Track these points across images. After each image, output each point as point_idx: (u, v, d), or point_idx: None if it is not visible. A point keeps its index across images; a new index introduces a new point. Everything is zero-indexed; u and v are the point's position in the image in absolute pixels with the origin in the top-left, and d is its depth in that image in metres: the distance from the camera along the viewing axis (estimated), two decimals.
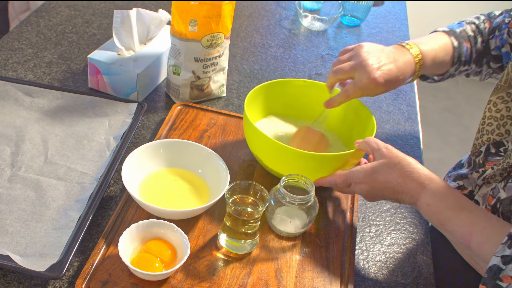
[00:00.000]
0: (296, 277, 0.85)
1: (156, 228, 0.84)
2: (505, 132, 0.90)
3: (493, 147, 0.92)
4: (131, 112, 1.08)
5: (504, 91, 0.90)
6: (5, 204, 0.88)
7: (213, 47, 1.13)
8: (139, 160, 0.94)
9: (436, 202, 0.81)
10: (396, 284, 0.89)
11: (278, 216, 0.89)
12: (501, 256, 0.73)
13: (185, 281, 0.81)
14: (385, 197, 0.88)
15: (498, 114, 0.90)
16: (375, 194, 0.88)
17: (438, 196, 0.81)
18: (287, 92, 1.09)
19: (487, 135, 0.92)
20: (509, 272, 0.72)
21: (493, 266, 0.73)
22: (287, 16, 1.63)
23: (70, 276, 0.82)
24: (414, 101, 1.35)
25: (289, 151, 0.91)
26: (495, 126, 0.91)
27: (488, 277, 0.74)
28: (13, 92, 1.09)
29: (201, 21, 1.08)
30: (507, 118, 0.89)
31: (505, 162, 0.86)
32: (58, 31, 1.37)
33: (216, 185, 0.93)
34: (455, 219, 0.80)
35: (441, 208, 0.81)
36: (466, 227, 0.78)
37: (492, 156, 0.92)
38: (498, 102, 0.90)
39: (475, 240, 0.76)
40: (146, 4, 1.53)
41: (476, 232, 0.77)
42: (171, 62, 1.16)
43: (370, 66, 0.93)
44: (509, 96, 0.89)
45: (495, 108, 0.91)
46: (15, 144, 0.99)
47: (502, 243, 0.73)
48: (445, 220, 0.80)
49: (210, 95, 1.21)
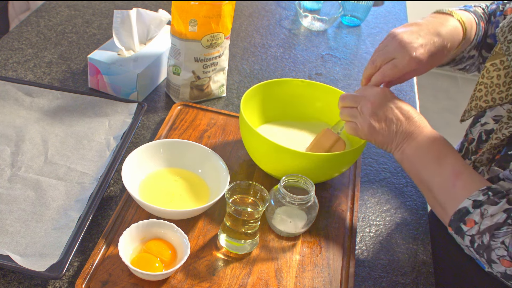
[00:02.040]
0: (296, 277, 0.85)
1: (156, 228, 0.84)
2: (491, 99, 0.89)
3: (484, 135, 0.92)
4: (131, 112, 1.08)
5: (498, 58, 0.88)
6: (5, 204, 0.88)
7: (213, 47, 1.13)
8: (139, 160, 0.94)
9: (440, 137, 0.84)
10: (396, 284, 0.89)
11: (278, 216, 0.89)
12: (473, 200, 0.77)
13: (185, 281, 0.81)
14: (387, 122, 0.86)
15: (488, 81, 0.89)
16: (379, 116, 0.86)
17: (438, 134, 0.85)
18: (284, 92, 1.09)
19: (475, 101, 0.91)
20: (474, 216, 0.76)
21: (462, 208, 0.77)
22: (287, 16, 1.63)
23: (70, 276, 0.82)
24: (414, 101, 1.35)
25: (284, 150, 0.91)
26: (483, 92, 0.90)
27: (454, 218, 0.78)
28: (13, 92, 1.09)
29: (201, 21, 1.08)
30: (496, 86, 0.88)
31: (488, 144, 0.87)
32: (58, 31, 1.37)
33: (216, 185, 0.93)
34: (452, 155, 0.82)
35: (444, 144, 0.84)
36: (459, 166, 0.81)
37: (483, 143, 0.92)
38: (491, 69, 0.89)
39: (463, 179, 0.79)
40: (146, 4, 1.53)
41: (466, 173, 0.80)
42: (171, 62, 1.16)
43: (409, 44, 0.87)
44: (502, 63, 0.88)
45: (487, 75, 0.89)
46: (15, 144, 0.99)
47: (480, 189, 0.77)
48: (442, 155, 0.82)
49: (210, 95, 1.21)
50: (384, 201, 1.04)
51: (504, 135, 0.84)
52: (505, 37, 0.84)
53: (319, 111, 1.10)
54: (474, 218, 0.76)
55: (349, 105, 0.90)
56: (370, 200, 1.04)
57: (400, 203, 1.05)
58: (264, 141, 0.92)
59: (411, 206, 1.05)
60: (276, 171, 0.97)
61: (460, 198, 0.78)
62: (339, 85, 1.35)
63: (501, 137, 0.84)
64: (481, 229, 0.75)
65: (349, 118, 0.91)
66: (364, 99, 0.88)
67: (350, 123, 0.90)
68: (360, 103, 0.88)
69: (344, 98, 0.91)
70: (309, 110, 1.11)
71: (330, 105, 1.08)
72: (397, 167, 1.13)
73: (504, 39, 0.85)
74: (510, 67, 0.85)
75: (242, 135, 1.00)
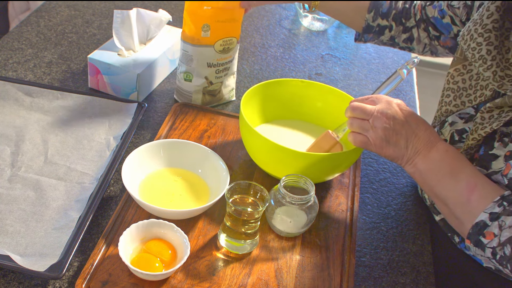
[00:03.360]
0: (296, 277, 0.85)
1: (156, 228, 0.84)
2: (460, 103, 0.92)
3: (456, 135, 0.93)
4: (131, 112, 1.08)
5: (460, 63, 0.92)
6: (5, 204, 0.88)
7: (226, 51, 1.12)
8: (139, 160, 0.94)
9: (452, 149, 0.83)
10: (396, 284, 0.89)
11: (278, 216, 0.89)
12: (489, 212, 0.77)
13: (185, 281, 0.81)
14: (399, 136, 0.84)
15: (455, 86, 0.92)
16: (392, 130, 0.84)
17: (450, 146, 0.84)
18: (284, 92, 1.09)
19: (445, 107, 0.94)
20: (493, 229, 0.76)
21: (480, 221, 0.77)
22: (287, 16, 1.63)
23: (70, 276, 0.82)
24: (414, 101, 1.35)
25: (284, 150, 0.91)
26: (452, 97, 0.93)
27: (473, 232, 0.78)
28: (13, 92, 1.09)
29: (214, 25, 1.07)
30: (463, 89, 0.91)
31: (465, 144, 0.87)
32: (58, 31, 1.37)
33: (216, 185, 0.93)
34: (466, 168, 0.82)
35: (457, 156, 0.83)
36: (473, 178, 0.80)
37: (456, 144, 0.92)
38: (455, 74, 0.92)
39: (478, 193, 0.79)
40: (146, 4, 1.53)
41: (480, 184, 0.80)
42: (182, 69, 1.14)
43: None
44: (464, 68, 0.91)
45: (452, 80, 0.93)
46: (15, 144, 0.99)
47: (494, 201, 0.77)
48: (455, 169, 0.82)
49: (222, 99, 1.20)
50: (384, 201, 1.04)
51: (480, 136, 0.84)
52: (468, 45, 0.86)
53: (319, 111, 1.10)
54: (493, 231, 0.76)
55: (360, 117, 0.87)
56: (370, 200, 1.04)
57: (400, 203, 1.05)
58: (264, 141, 0.92)
59: (411, 206, 1.05)
60: (276, 171, 0.97)
61: (476, 212, 0.78)
62: (339, 85, 1.35)
63: (477, 137, 0.85)
64: (501, 241, 0.75)
65: (359, 131, 0.88)
66: (377, 112, 0.85)
67: (360, 136, 0.88)
68: (372, 116, 0.85)
69: (354, 108, 0.88)
70: (309, 110, 1.11)
71: (330, 105, 1.08)
72: (397, 167, 1.13)
73: (467, 46, 0.87)
74: (478, 73, 0.88)
75: (242, 135, 1.00)
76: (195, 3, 1.05)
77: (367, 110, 0.86)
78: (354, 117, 0.88)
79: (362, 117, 0.87)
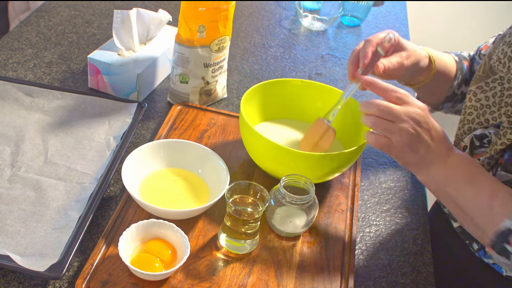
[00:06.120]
0: (296, 277, 0.85)
1: (156, 228, 0.84)
2: (484, 121, 0.91)
3: (476, 140, 0.92)
4: (131, 112, 1.08)
5: (482, 81, 0.91)
6: (5, 204, 0.88)
7: (221, 50, 1.13)
8: (139, 160, 0.94)
9: (467, 157, 0.83)
10: (396, 284, 0.89)
11: (278, 216, 0.89)
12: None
13: (185, 281, 0.81)
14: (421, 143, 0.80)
15: (477, 103, 0.92)
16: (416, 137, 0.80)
17: (466, 155, 0.83)
18: (284, 92, 1.09)
19: (468, 125, 0.94)
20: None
21: (504, 228, 0.75)
22: (287, 16, 1.63)
23: (70, 276, 0.82)
24: None
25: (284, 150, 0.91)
26: (475, 115, 0.93)
27: (497, 240, 0.76)
28: (13, 92, 1.09)
29: (209, 26, 1.08)
30: (486, 107, 0.91)
31: (492, 149, 0.87)
32: (58, 31, 1.37)
33: (216, 185, 0.93)
34: (484, 176, 0.81)
35: (473, 164, 0.82)
36: (493, 185, 0.79)
37: (477, 149, 0.92)
38: (478, 91, 0.92)
39: (500, 199, 0.77)
40: (146, 4, 1.53)
41: (501, 191, 0.78)
42: (177, 72, 1.14)
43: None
44: (487, 85, 0.90)
45: (474, 98, 0.92)
46: (15, 144, 0.99)
47: None
48: (474, 177, 0.80)
49: (217, 98, 1.21)
50: (384, 201, 1.04)
51: (509, 140, 0.84)
52: (508, 67, 0.87)
53: (319, 111, 1.10)
54: None
55: (385, 117, 0.80)
56: (370, 200, 1.04)
57: (400, 203, 1.05)
58: (264, 141, 0.92)
59: (411, 206, 1.05)
60: (276, 171, 0.97)
61: (499, 219, 0.76)
62: (339, 85, 1.35)
63: (506, 142, 0.85)
64: None
65: (383, 132, 0.81)
66: (404, 115, 0.79)
67: (382, 138, 0.81)
68: (400, 119, 0.79)
69: (380, 107, 0.80)
70: (309, 110, 1.11)
71: (330, 105, 1.08)
72: (397, 167, 1.13)
73: (507, 69, 0.87)
74: (502, 90, 0.88)
75: (242, 135, 1.00)
76: (191, 6, 1.05)
77: (395, 112, 0.79)
78: (378, 117, 0.80)
79: (388, 118, 0.80)
